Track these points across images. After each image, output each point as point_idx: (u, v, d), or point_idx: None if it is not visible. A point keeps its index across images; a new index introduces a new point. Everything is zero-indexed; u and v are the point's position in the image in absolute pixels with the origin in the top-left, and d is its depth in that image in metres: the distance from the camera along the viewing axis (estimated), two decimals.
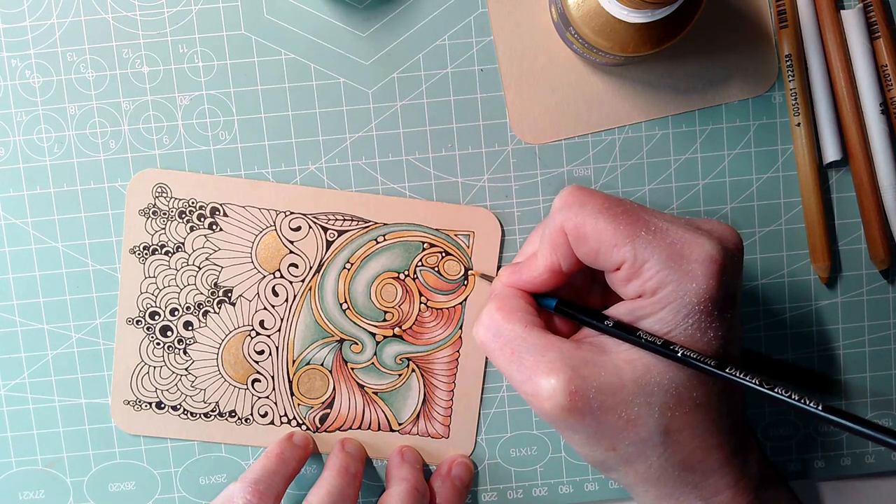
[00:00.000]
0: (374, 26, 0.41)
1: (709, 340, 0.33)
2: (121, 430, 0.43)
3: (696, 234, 0.34)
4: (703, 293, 0.33)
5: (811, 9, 0.41)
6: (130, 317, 0.42)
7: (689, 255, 0.33)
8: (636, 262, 0.33)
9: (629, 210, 0.34)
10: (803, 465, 0.44)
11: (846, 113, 0.41)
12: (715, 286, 0.33)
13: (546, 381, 0.33)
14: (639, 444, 0.34)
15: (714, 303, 0.33)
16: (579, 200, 0.34)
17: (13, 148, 0.41)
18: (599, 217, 0.33)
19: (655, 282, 0.33)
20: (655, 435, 0.34)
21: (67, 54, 0.41)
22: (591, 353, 0.34)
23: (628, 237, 0.33)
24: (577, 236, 0.34)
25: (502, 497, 0.44)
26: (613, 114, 0.42)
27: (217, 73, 0.41)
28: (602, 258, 0.34)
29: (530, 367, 0.34)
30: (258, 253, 0.42)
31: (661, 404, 0.33)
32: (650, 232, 0.33)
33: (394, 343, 0.42)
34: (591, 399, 0.33)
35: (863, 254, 0.43)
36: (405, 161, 0.42)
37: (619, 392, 0.33)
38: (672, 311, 0.33)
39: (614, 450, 0.34)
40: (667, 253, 0.33)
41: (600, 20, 0.36)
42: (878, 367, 0.44)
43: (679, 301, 0.33)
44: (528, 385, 0.34)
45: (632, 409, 0.33)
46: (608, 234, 0.33)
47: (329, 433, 0.43)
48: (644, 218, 0.34)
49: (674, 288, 0.33)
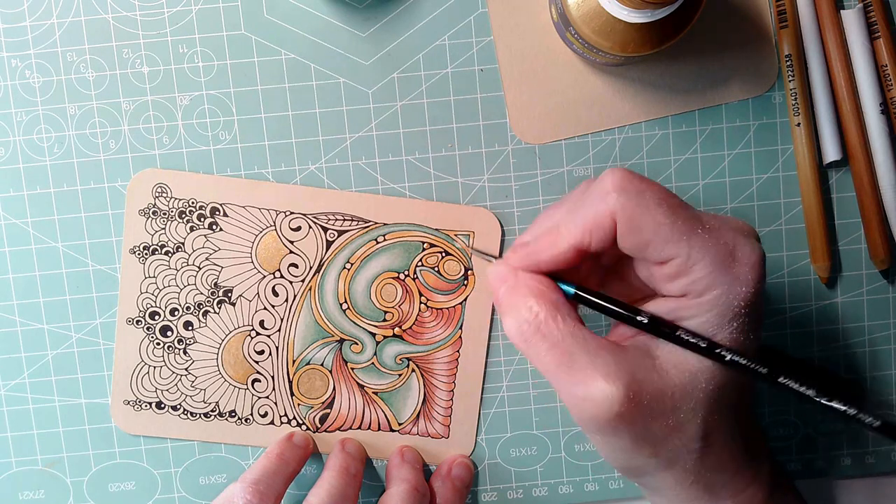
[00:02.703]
0: (374, 26, 0.41)
1: (749, 343, 0.33)
2: (121, 430, 0.43)
3: (745, 236, 0.33)
4: (750, 297, 0.32)
5: (811, 9, 0.41)
6: (130, 317, 0.42)
7: (741, 258, 0.32)
8: (689, 260, 0.32)
9: (684, 204, 0.32)
10: (803, 465, 0.44)
11: (846, 113, 0.41)
12: (759, 290, 0.32)
13: (602, 387, 0.31)
14: (679, 450, 0.33)
15: (758, 306, 0.33)
16: (637, 187, 0.32)
17: (13, 148, 0.41)
18: (658, 208, 0.32)
19: (705, 283, 0.32)
20: (696, 439, 0.33)
21: (67, 54, 0.41)
22: (641, 356, 0.33)
23: (685, 233, 0.32)
24: (631, 225, 0.32)
25: (502, 497, 0.44)
26: (613, 114, 0.42)
27: (217, 73, 0.41)
28: (650, 250, 0.32)
29: (583, 370, 0.32)
30: (258, 253, 0.42)
31: (704, 409, 0.33)
32: (706, 230, 0.32)
33: (394, 343, 0.42)
34: (645, 406, 0.32)
35: (863, 254, 0.43)
36: (405, 161, 0.42)
37: (669, 398, 0.32)
38: (719, 314, 0.32)
39: (656, 456, 0.33)
40: (720, 254, 0.32)
41: (600, 20, 0.36)
42: (878, 367, 0.44)
43: (727, 304, 0.32)
44: (580, 388, 0.32)
45: (678, 415, 0.32)
46: (665, 227, 0.31)
47: (329, 433, 0.43)
48: (698, 215, 0.32)
49: (723, 291, 0.32)
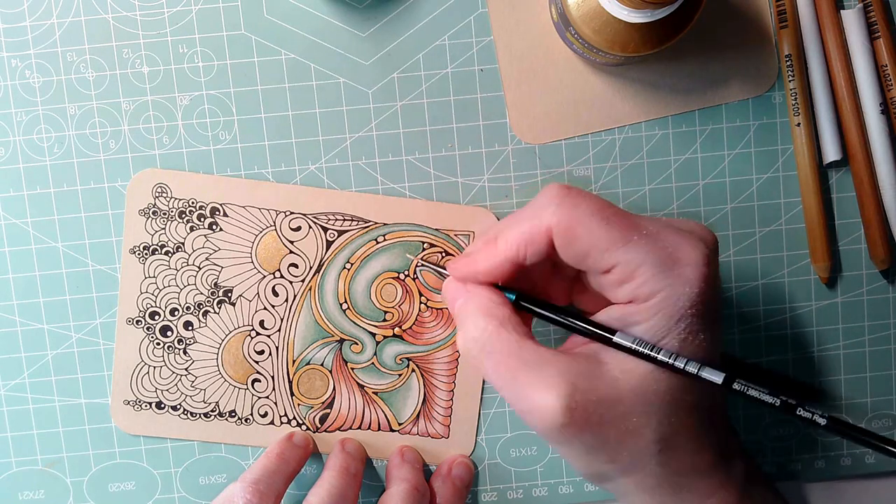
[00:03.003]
0: (374, 26, 0.41)
1: (699, 344, 0.33)
2: (121, 430, 0.43)
3: (687, 238, 0.33)
4: (695, 297, 0.32)
5: (811, 9, 0.41)
6: (130, 317, 0.42)
7: (682, 260, 0.32)
8: (629, 267, 0.32)
9: (620, 213, 0.33)
10: (803, 465, 0.44)
11: (846, 113, 0.41)
12: (706, 289, 0.33)
13: (544, 399, 0.32)
14: (637, 454, 0.33)
15: (705, 306, 0.33)
16: (572, 201, 0.33)
17: (13, 148, 0.41)
18: (593, 219, 0.33)
19: (649, 287, 0.33)
20: (653, 444, 0.33)
21: (67, 54, 0.41)
22: (587, 365, 0.33)
23: (622, 240, 0.32)
24: (568, 237, 0.33)
25: (502, 497, 0.44)
26: (613, 114, 0.42)
27: (217, 73, 0.41)
28: (591, 260, 0.33)
29: (525, 384, 0.32)
30: (258, 253, 0.42)
31: (658, 412, 0.33)
32: (643, 236, 0.33)
33: (394, 343, 0.42)
34: (591, 414, 0.32)
35: (863, 254, 0.43)
36: (405, 161, 0.42)
37: (618, 404, 0.32)
38: (665, 316, 0.33)
39: (613, 462, 0.34)
40: (661, 257, 0.32)
41: (600, 20, 0.36)
42: (878, 367, 0.44)
43: (672, 307, 0.32)
44: (524, 403, 0.32)
45: (630, 420, 0.33)
46: (602, 237, 0.33)
47: (329, 433, 0.43)
48: (636, 221, 0.33)
49: (668, 293, 0.32)
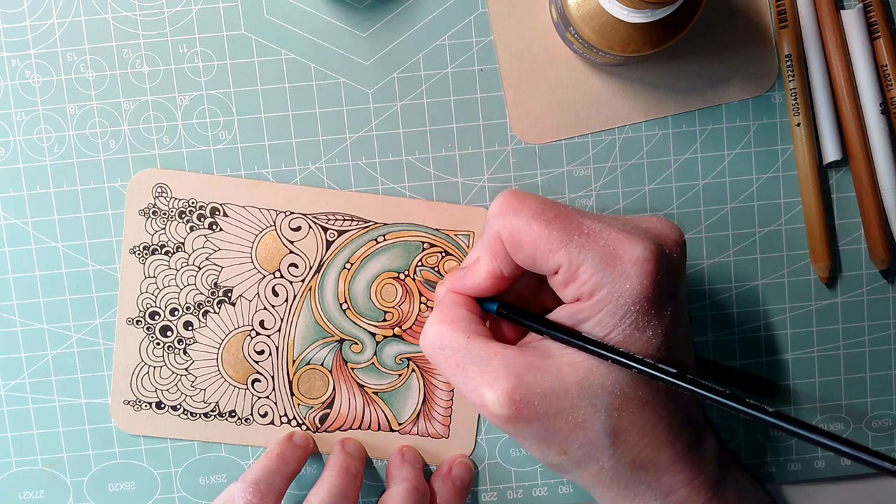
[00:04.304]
0: (374, 26, 0.41)
1: (648, 339, 0.34)
2: (121, 430, 0.43)
3: (629, 234, 0.34)
4: (637, 293, 0.33)
5: (811, 9, 0.41)
6: (130, 317, 0.42)
7: (622, 256, 0.33)
8: (571, 266, 0.33)
9: (562, 214, 0.34)
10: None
11: (846, 113, 0.41)
12: (649, 285, 0.33)
13: (490, 392, 0.33)
14: (588, 447, 0.34)
15: (650, 302, 0.33)
16: (513, 207, 0.35)
17: (13, 148, 0.41)
18: (533, 223, 0.34)
19: (591, 285, 0.33)
20: (603, 436, 0.34)
21: (67, 54, 0.41)
22: (535, 358, 0.34)
23: (562, 242, 0.33)
24: (513, 243, 0.34)
25: (502, 497, 0.44)
26: (613, 114, 0.42)
27: (217, 73, 0.41)
28: (539, 263, 0.34)
29: (474, 378, 0.34)
30: (258, 253, 0.42)
31: (606, 405, 0.34)
32: (583, 235, 0.33)
33: (394, 343, 0.42)
34: (537, 405, 0.33)
35: (863, 254, 0.43)
36: (405, 161, 0.42)
37: (564, 396, 0.33)
38: (609, 312, 0.33)
39: (565, 453, 0.34)
40: (600, 255, 0.33)
41: (600, 20, 0.36)
42: (878, 367, 0.44)
43: (615, 303, 0.33)
44: (474, 396, 0.34)
45: (578, 413, 0.33)
46: (542, 239, 0.34)
47: (329, 433, 0.43)
48: (578, 221, 0.34)
49: (609, 290, 0.33)
